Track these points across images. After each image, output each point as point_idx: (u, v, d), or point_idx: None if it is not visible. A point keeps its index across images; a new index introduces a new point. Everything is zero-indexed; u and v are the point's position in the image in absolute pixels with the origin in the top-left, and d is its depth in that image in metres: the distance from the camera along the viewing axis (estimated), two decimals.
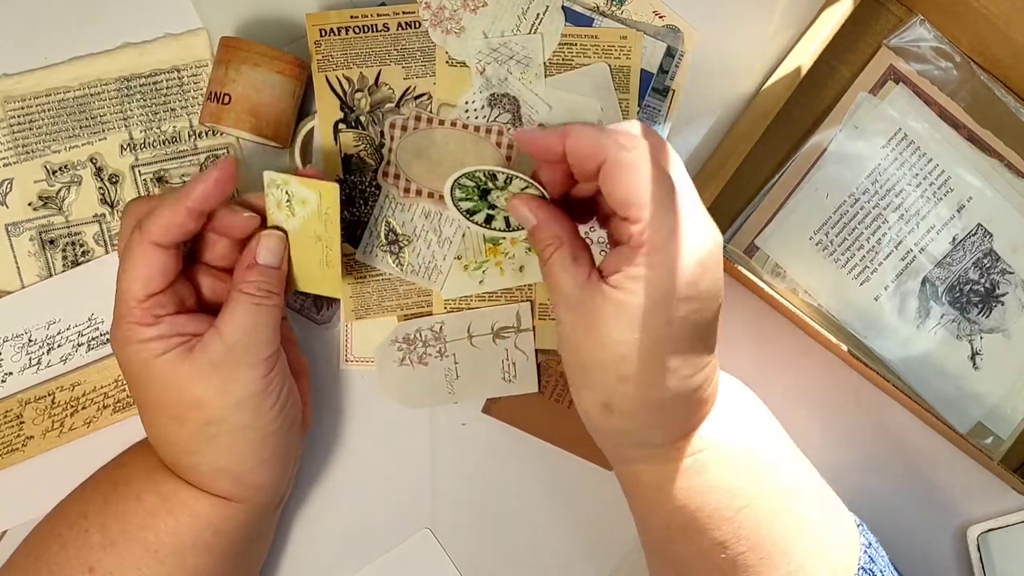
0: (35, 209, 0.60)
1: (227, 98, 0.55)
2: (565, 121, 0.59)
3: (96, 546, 0.49)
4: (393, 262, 0.59)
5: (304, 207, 0.51)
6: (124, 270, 0.47)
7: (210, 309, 0.51)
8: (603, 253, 0.60)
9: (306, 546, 0.63)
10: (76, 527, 0.51)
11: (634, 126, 0.46)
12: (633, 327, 0.43)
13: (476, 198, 0.52)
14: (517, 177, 0.49)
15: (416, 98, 0.59)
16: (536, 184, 0.49)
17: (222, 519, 0.51)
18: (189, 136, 0.61)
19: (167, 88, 0.61)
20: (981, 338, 0.64)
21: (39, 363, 0.60)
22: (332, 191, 0.51)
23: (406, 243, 0.59)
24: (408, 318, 0.61)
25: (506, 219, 0.53)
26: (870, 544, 0.51)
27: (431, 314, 0.60)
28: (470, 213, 0.53)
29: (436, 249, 0.59)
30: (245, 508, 0.52)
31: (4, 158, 0.60)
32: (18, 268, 0.60)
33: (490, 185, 0.50)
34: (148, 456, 0.52)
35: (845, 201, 0.62)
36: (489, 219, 0.53)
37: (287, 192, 0.51)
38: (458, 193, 0.52)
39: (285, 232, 0.52)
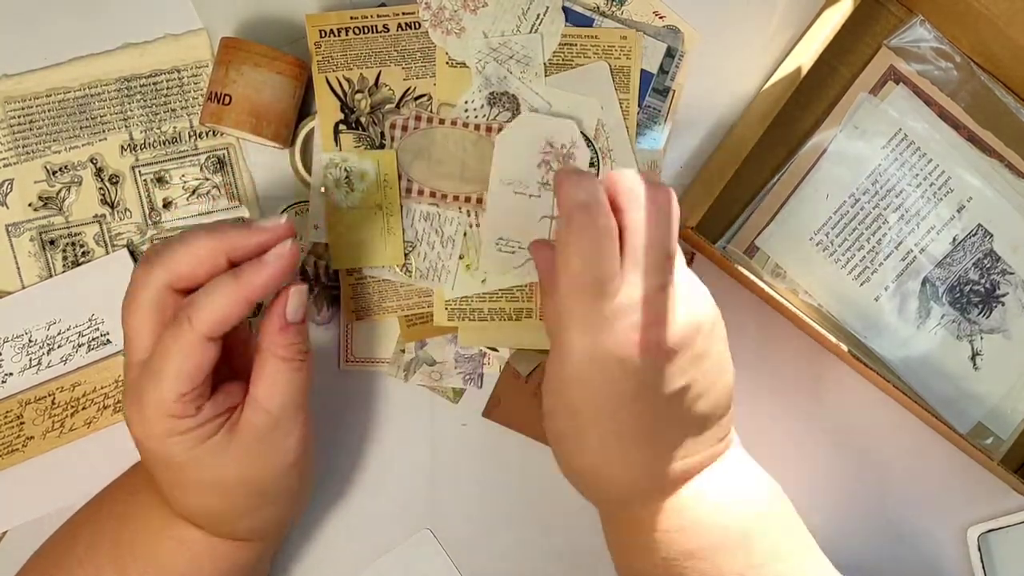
0: (35, 209, 0.60)
1: (227, 99, 0.55)
2: (559, 121, 0.59)
3: None
4: (401, 270, 0.59)
5: (363, 180, 0.53)
6: (165, 366, 0.42)
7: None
8: None
9: (306, 546, 0.63)
10: (85, 565, 0.49)
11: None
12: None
13: None
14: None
15: (416, 99, 0.59)
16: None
17: (240, 557, 0.51)
18: (189, 136, 0.61)
19: (167, 88, 0.61)
20: (981, 338, 0.64)
21: (39, 363, 0.60)
22: (390, 157, 0.54)
23: (410, 249, 0.59)
24: (409, 318, 0.61)
25: None
26: None
27: (432, 315, 0.60)
28: None
29: (440, 250, 0.59)
30: (263, 545, 0.53)
31: (4, 158, 0.60)
32: (18, 268, 0.60)
33: None
34: (159, 502, 0.50)
35: (845, 201, 0.62)
36: None
37: (346, 170, 0.52)
38: None
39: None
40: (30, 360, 0.60)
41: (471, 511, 0.63)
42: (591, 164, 0.59)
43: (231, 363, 0.48)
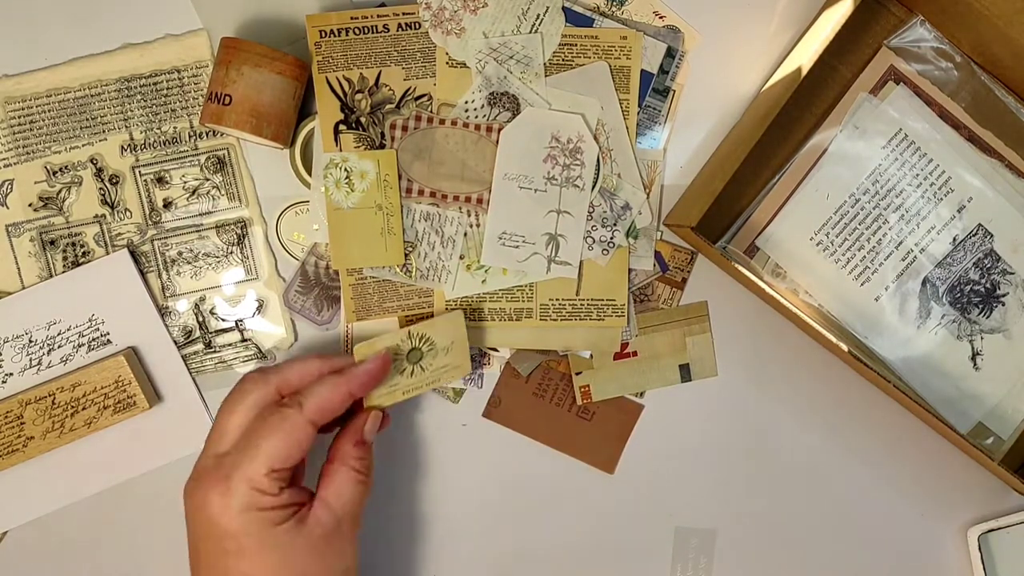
0: (35, 210, 0.60)
1: (228, 99, 0.55)
2: (565, 115, 0.59)
3: None
4: (401, 270, 0.59)
5: (363, 180, 0.54)
6: (267, 440, 0.47)
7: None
8: (604, 253, 0.60)
9: None
10: None
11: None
12: None
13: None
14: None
15: (416, 99, 0.59)
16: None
17: None
18: (189, 137, 0.61)
19: (167, 89, 0.61)
20: (982, 338, 0.64)
21: (39, 364, 0.60)
22: (390, 156, 0.55)
23: (410, 249, 0.59)
24: (409, 318, 0.61)
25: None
26: None
27: (432, 315, 0.60)
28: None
29: (440, 250, 0.59)
30: None
31: (5, 159, 0.60)
32: (18, 269, 0.60)
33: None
34: None
35: (846, 201, 0.62)
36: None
37: (346, 169, 0.53)
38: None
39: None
40: (30, 360, 0.60)
41: (471, 511, 0.63)
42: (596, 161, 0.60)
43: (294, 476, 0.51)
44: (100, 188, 0.61)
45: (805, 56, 0.58)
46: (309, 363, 0.51)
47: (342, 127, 0.59)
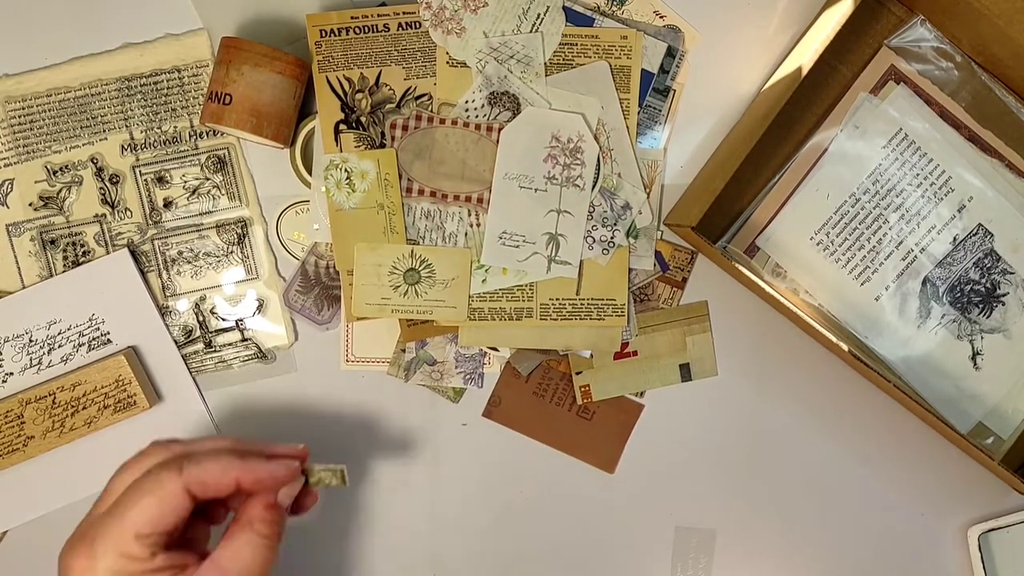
0: (36, 209, 0.60)
1: (228, 98, 0.55)
2: (565, 115, 0.59)
3: None
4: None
5: (364, 180, 0.54)
6: (136, 503, 0.43)
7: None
8: (605, 252, 0.60)
9: (305, 545, 0.63)
10: None
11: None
12: None
13: None
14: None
15: (417, 99, 0.59)
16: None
17: None
18: (190, 136, 0.61)
19: (168, 88, 0.61)
20: (982, 338, 0.64)
21: (40, 363, 0.60)
22: (390, 156, 0.55)
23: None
24: (410, 320, 0.61)
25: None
26: None
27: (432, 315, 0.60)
28: None
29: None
30: None
31: (5, 158, 0.60)
32: (19, 268, 0.60)
33: None
34: None
35: (846, 201, 0.62)
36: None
37: (347, 170, 0.53)
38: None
39: None
40: (30, 360, 0.60)
41: (471, 510, 0.63)
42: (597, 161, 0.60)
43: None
44: (100, 187, 0.61)
45: (805, 56, 0.58)
46: (220, 441, 0.48)
47: (342, 127, 0.59)
